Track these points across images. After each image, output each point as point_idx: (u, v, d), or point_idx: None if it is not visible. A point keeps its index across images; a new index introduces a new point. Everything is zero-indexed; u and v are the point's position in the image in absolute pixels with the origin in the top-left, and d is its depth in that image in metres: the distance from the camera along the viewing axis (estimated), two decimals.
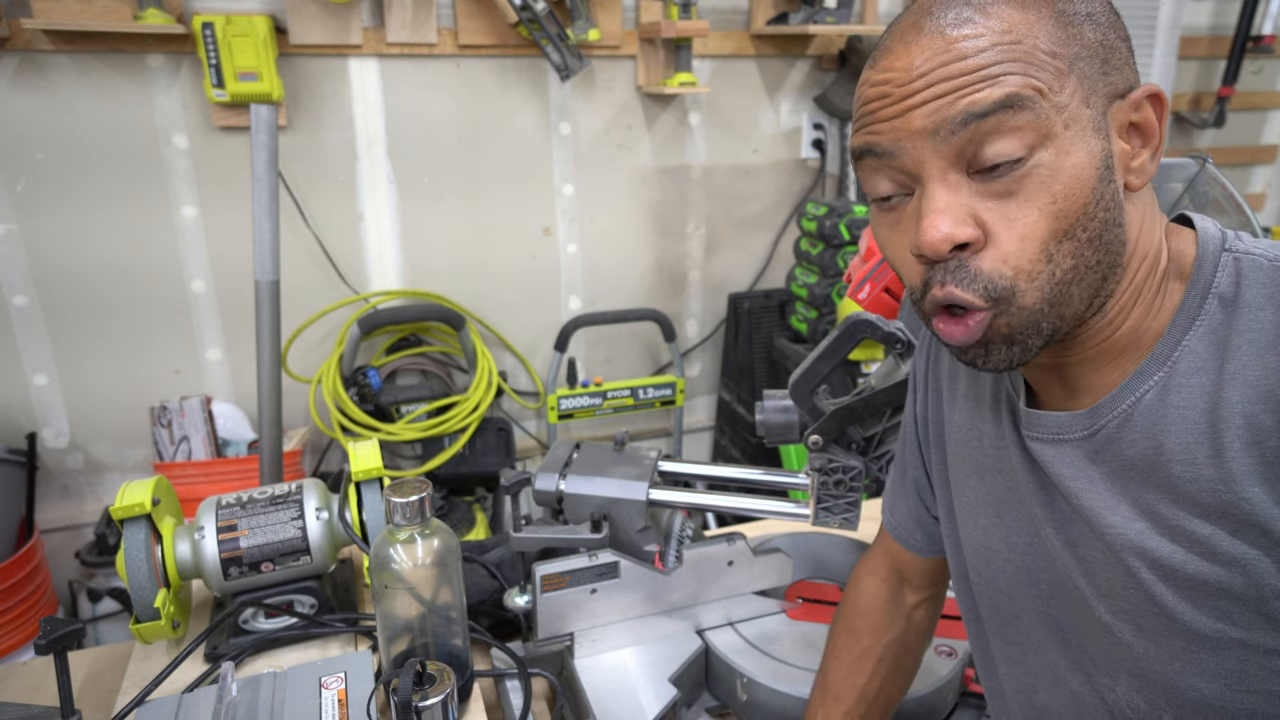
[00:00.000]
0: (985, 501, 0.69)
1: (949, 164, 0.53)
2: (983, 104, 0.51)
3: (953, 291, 0.54)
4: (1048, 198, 0.51)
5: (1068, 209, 0.51)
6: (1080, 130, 0.52)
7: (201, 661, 0.91)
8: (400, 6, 2.15)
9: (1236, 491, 0.50)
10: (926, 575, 0.87)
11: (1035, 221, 0.52)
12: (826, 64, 2.64)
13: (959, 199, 0.53)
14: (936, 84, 0.52)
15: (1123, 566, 0.57)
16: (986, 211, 0.52)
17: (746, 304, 2.64)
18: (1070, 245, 0.52)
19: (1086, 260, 0.53)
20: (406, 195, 2.34)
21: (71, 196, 2.05)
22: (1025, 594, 0.66)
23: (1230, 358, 0.52)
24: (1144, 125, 0.55)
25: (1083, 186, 0.51)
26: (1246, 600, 0.51)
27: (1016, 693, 0.71)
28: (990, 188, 0.52)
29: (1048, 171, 0.51)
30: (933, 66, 0.52)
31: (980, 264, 0.53)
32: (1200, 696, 0.55)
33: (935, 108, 0.52)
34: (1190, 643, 0.54)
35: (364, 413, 2.20)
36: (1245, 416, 0.50)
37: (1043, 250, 0.52)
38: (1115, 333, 0.57)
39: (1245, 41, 2.97)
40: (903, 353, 0.89)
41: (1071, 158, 0.51)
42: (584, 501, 0.99)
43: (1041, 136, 0.51)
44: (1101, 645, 0.61)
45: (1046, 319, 0.54)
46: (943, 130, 0.52)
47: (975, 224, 0.53)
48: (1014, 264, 0.52)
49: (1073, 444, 0.59)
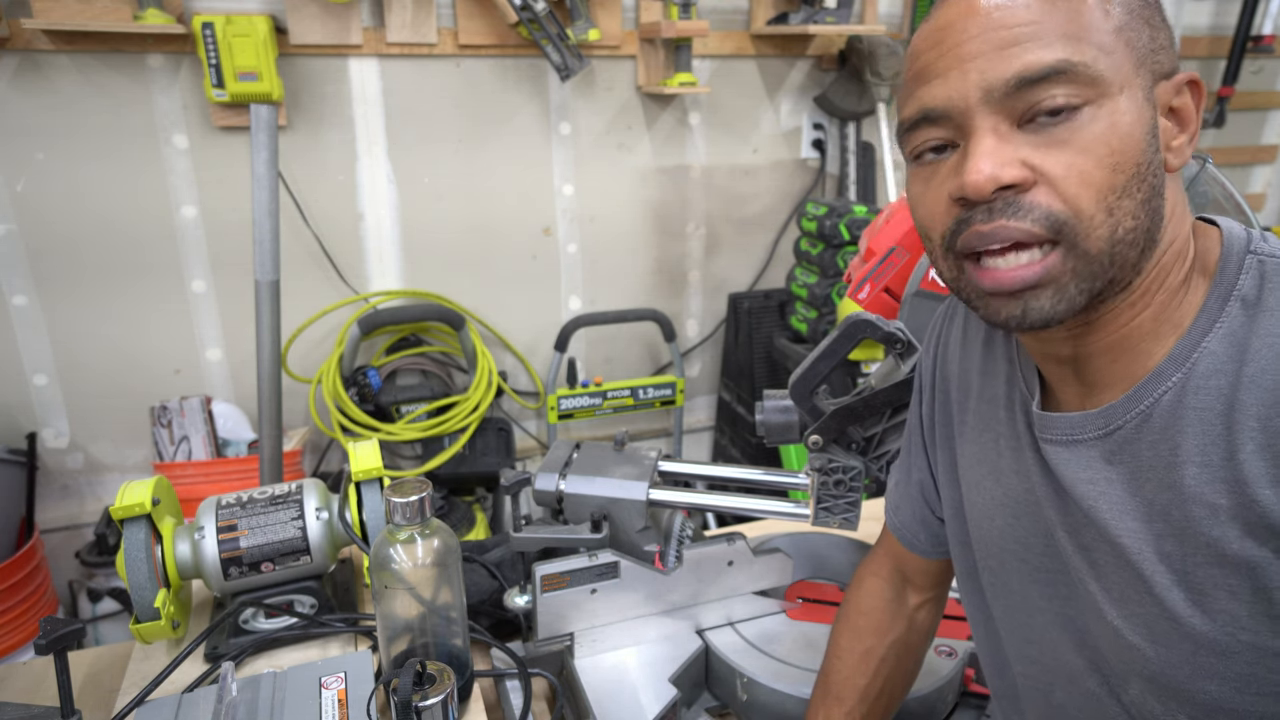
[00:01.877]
0: (1001, 503, 0.68)
1: (1000, 118, 0.52)
2: (1036, 67, 0.50)
3: (1004, 224, 0.52)
4: (1104, 149, 0.50)
5: (1124, 162, 0.51)
6: (1133, 94, 0.52)
7: (201, 661, 0.91)
8: (400, 6, 2.15)
9: (1248, 494, 0.50)
10: (930, 576, 0.86)
11: (1093, 169, 0.50)
12: (826, 64, 2.64)
13: (1007, 145, 0.52)
14: (992, 42, 0.51)
15: (1133, 571, 0.56)
16: (1040, 157, 0.51)
17: (746, 304, 2.64)
18: (1130, 204, 0.51)
19: (1142, 224, 0.52)
20: (406, 195, 2.34)
21: (71, 196, 2.05)
22: (1041, 595, 0.66)
23: (1249, 361, 0.51)
24: (1182, 111, 0.55)
25: (1136, 145, 0.51)
26: (1256, 604, 0.51)
27: (1032, 691, 0.71)
28: (1043, 138, 0.51)
29: (1104, 125, 0.50)
30: (987, 27, 0.51)
31: (1035, 197, 0.51)
32: (1211, 700, 0.55)
33: (988, 66, 0.51)
34: (1200, 647, 0.54)
35: (364, 413, 2.20)
36: (1260, 420, 0.50)
37: (1102, 200, 0.51)
38: (1137, 317, 0.56)
39: (1245, 41, 2.97)
40: (903, 353, 0.89)
41: (1127, 116, 0.51)
42: (584, 501, 0.99)
43: (1097, 94, 0.50)
44: (1114, 648, 0.61)
45: (1102, 276, 0.52)
46: (995, 91, 0.51)
47: (1026, 167, 0.51)
48: (1073, 204, 0.51)
49: (1088, 444, 0.59)
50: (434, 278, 2.42)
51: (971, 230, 0.54)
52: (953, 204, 0.55)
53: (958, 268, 0.57)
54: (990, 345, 0.71)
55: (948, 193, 0.55)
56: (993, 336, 0.71)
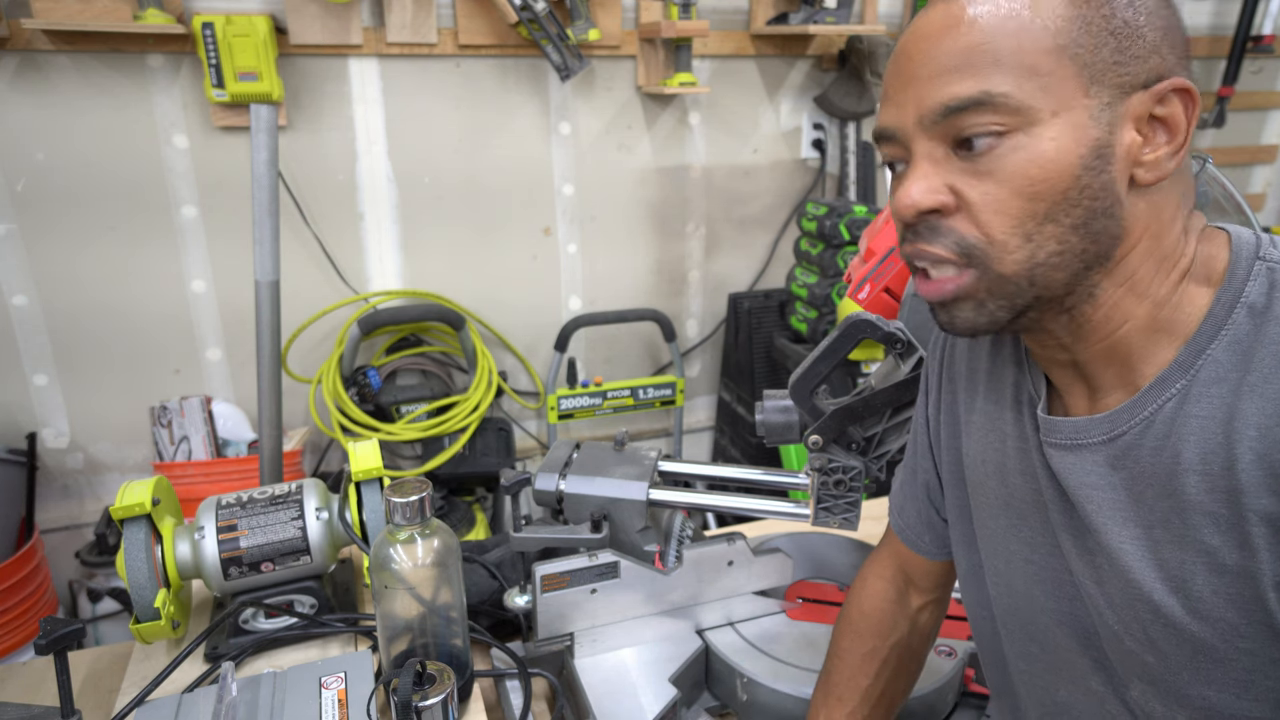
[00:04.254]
0: (1006, 503, 0.68)
1: (935, 142, 0.55)
2: (959, 98, 0.53)
3: (921, 248, 0.57)
4: (1023, 179, 0.52)
5: (1044, 191, 0.52)
6: (1071, 118, 0.52)
7: (201, 661, 0.91)
8: (400, 6, 2.15)
9: (1244, 503, 0.50)
10: (933, 578, 0.86)
11: (1008, 198, 0.53)
12: (826, 64, 2.64)
13: (937, 171, 0.55)
14: (929, 69, 0.54)
15: (1132, 577, 0.57)
16: (965, 185, 0.54)
17: (746, 304, 2.64)
18: (1053, 229, 0.53)
19: (1072, 246, 0.53)
20: (406, 195, 2.34)
21: (71, 196, 2.05)
22: (1045, 594, 0.66)
23: (1252, 369, 0.51)
24: (1169, 120, 0.54)
25: (1062, 172, 0.52)
26: (1254, 611, 0.51)
27: (1036, 690, 0.71)
28: (972, 166, 0.54)
29: (1025, 155, 0.52)
30: (928, 55, 0.54)
31: (952, 223, 0.55)
32: (1209, 705, 0.55)
33: (923, 93, 0.54)
34: (1198, 653, 0.54)
35: (364, 413, 2.20)
36: (1260, 429, 0.50)
37: (1019, 227, 0.53)
38: (1120, 327, 0.56)
39: (1245, 41, 2.97)
40: (903, 353, 0.89)
41: (1053, 143, 0.52)
42: (584, 501, 0.99)
43: (1023, 122, 0.52)
44: (1115, 650, 0.61)
45: (1020, 296, 0.55)
46: (926, 118, 0.55)
47: (950, 194, 0.55)
48: (985, 231, 0.54)
49: (1092, 449, 0.59)
50: (434, 278, 2.42)
51: (905, 248, 0.59)
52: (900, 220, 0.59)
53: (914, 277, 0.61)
54: (998, 347, 0.71)
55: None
56: (1001, 340, 0.71)
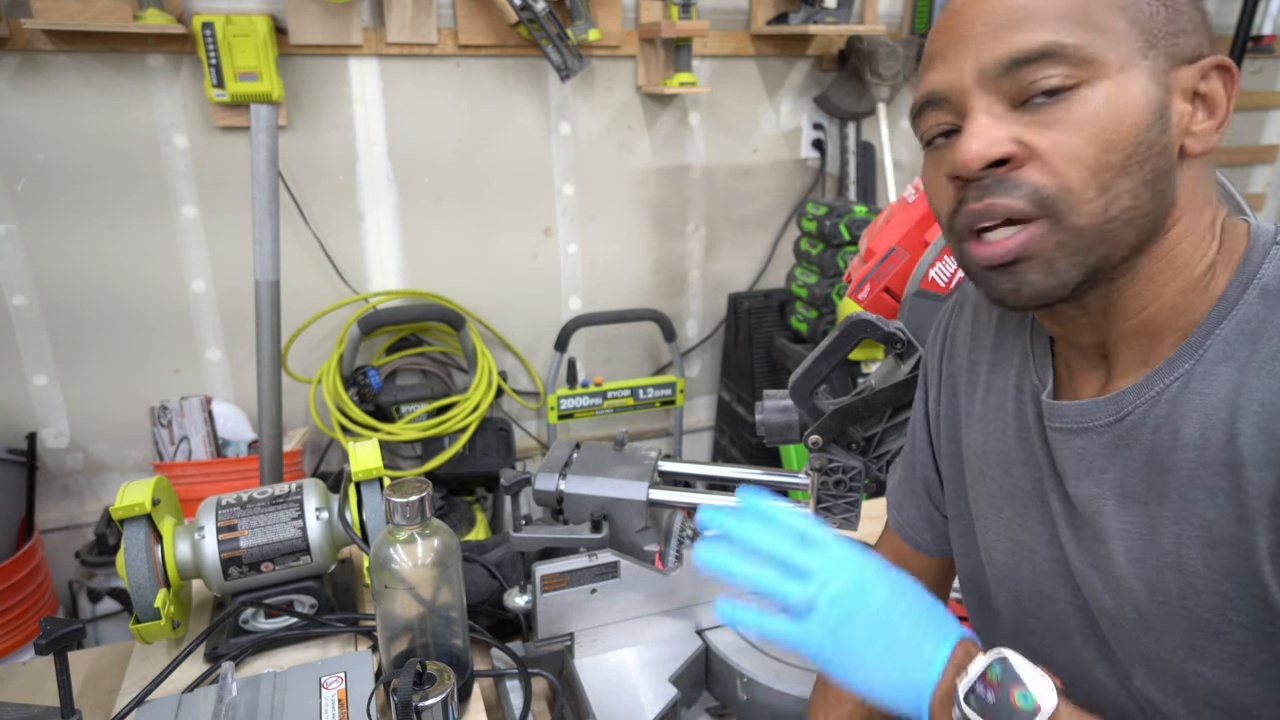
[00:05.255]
0: (1010, 493, 0.68)
1: (995, 99, 0.53)
2: (1027, 48, 0.51)
3: (993, 203, 0.53)
4: (1097, 126, 0.51)
5: (1119, 140, 0.51)
6: (1135, 75, 0.52)
7: (201, 661, 0.91)
8: (400, 6, 2.15)
9: (1245, 476, 0.50)
10: (932, 575, 0.86)
11: (1083, 145, 0.51)
12: (826, 64, 2.64)
13: (1000, 125, 0.53)
14: (989, 24, 0.53)
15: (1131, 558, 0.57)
16: (1032, 135, 0.52)
17: (746, 304, 2.64)
18: (1127, 183, 0.51)
19: (1141, 204, 0.52)
20: (406, 195, 2.34)
21: (71, 196, 2.05)
22: (1051, 584, 0.66)
23: (1260, 348, 0.51)
24: (1210, 97, 0.54)
25: (1135, 124, 0.51)
26: (1248, 584, 0.51)
27: None
28: (1037, 117, 0.52)
29: (1097, 103, 0.51)
30: (986, 10, 0.53)
31: (1024, 175, 0.52)
32: (1205, 682, 0.55)
33: (983, 47, 0.53)
34: (1193, 629, 0.55)
35: (364, 413, 2.20)
36: (1264, 404, 0.50)
37: (1094, 177, 0.51)
38: (1150, 305, 0.56)
39: (1245, 41, 2.96)
40: (903, 353, 0.89)
41: (1124, 95, 0.51)
42: (584, 501, 0.99)
43: (1091, 74, 0.51)
44: (1115, 636, 0.61)
45: (1094, 252, 0.53)
46: (989, 71, 0.53)
47: (1017, 144, 0.52)
48: (1062, 180, 0.52)
49: (1098, 431, 0.59)
50: (434, 278, 2.42)
51: (966, 208, 0.55)
52: (952, 184, 0.56)
53: (960, 247, 0.58)
54: (1002, 336, 0.71)
55: (946, 173, 0.57)
56: (1004, 329, 0.71)
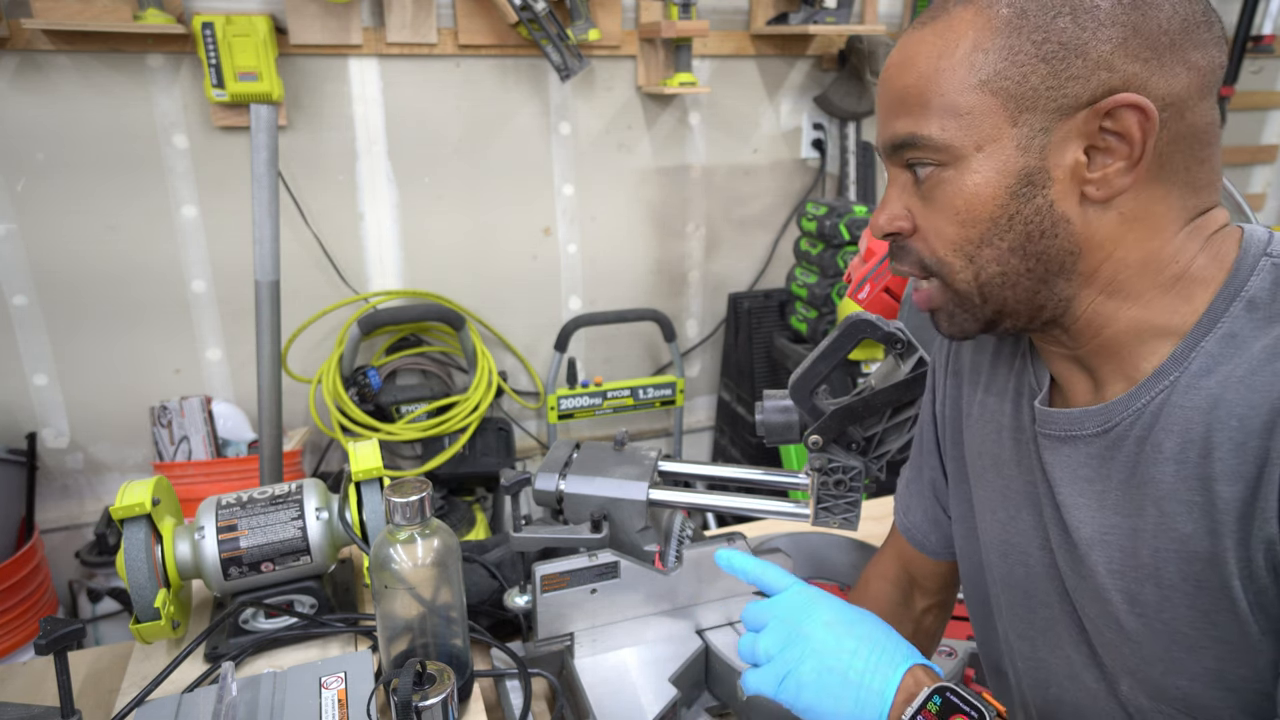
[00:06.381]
0: (1004, 495, 0.69)
1: (899, 169, 0.61)
2: (897, 136, 0.58)
3: (897, 265, 0.63)
4: (952, 209, 0.57)
5: (971, 219, 0.57)
6: (995, 151, 0.54)
7: (201, 661, 0.91)
8: (400, 6, 2.15)
9: (1217, 490, 0.51)
10: (938, 579, 0.86)
11: (944, 224, 0.58)
12: (826, 64, 2.64)
13: (900, 197, 0.61)
14: (883, 106, 0.60)
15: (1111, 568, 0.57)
16: (916, 210, 0.60)
17: (746, 304, 2.64)
18: (991, 252, 0.57)
19: (1014, 267, 0.57)
20: (406, 195, 2.34)
21: (71, 196, 2.05)
22: (1043, 589, 0.66)
23: (1242, 362, 0.51)
24: (1124, 134, 0.52)
25: (985, 203, 0.56)
26: (1221, 597, 0.52)
27: (1036, 687, 0.71)
28: (920, 190, 0.59)
29: (951, 187, 0.57)
30: (884, 92, 0.60)
31: (912, 243, 0.61)
32: (1185, 696, 0.56)
33: (881, 128, 0.61)
34: (1172, 643, 0.55)
35: (364, 413, 2.20)
36: (1241, 419, 0.50)
37: (958, 250, 0.58)
38: (1103, 331, 0.58)
39: (1245, 41, 2.96)
40: (903, 353, 0.89)
41: (975, 176, 0.55)
42: (584, 501, 0.99)
43: (950, 158, 0.56)
44: (1102, 644, 0.61)
45: (981, 308, 0.60)
46: (885, 148, 0.61)
47: (909, 218, 0.61)
48: (934, 253, 0.60)
49: (1086, 440, 0.59)
50: (434, 278, 2.42)
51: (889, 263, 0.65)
52: None
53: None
54: (1002, 340, 0.72)
55: None
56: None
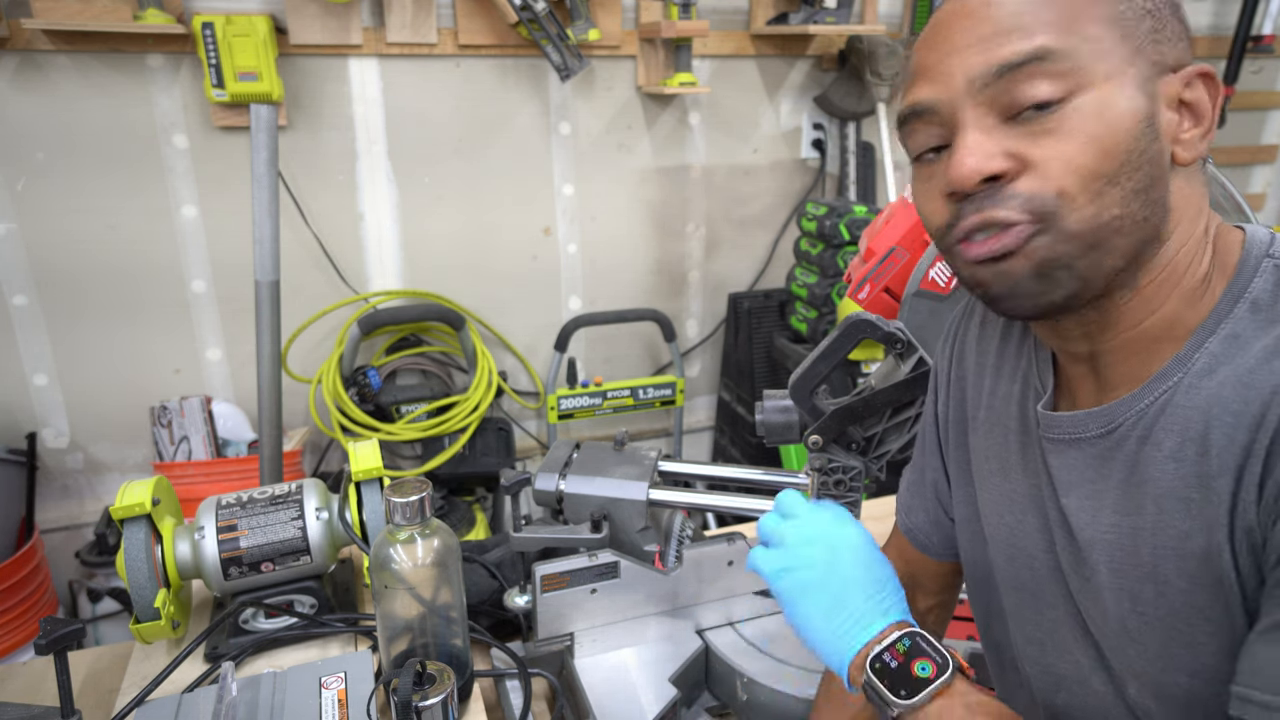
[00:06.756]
0: (1010, 499, 0.69)
1: (985, 111, 0.53)
2: (1016, 55, 0.51)
3: (990, 213, 0.53)
4: (1087, 135, 0.51)
5: (1111, 147, 0.51)
6: (1121, 84, 0.52)
7: (201, 661, 0.91)
8: (400, 6, 2.15)
9: (1213, 487, 0.51)
10: (939, 580, 0.86)
11: (1078, 152, 0.51)
12: (826, 64, 2.64)
13: (992, 139, 0.53)
14: (977, 35, 0.53)
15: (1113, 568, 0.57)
16: (1024, 147, 0.52)
17: (746, 304, 2.64)
18: (1117, 192, 0.51)
19: (1133, 213, 0.52)
20: (406, 195, 2.34)
21: (72, 196, 2.05)
22: (1050, 592, 0.66)
23: (1243, 362, 0.51)
24: (1196, 105, 0.54)
25: (1125, 132, 0.51)
26: (1217, 594, 0.52)
27: (1042, 692, 0.71)
28: (1028, 129, 0.52)
29: (1088, 113, 0.51)
30: (974, 22, 0.53)
31: (1019, 186, 0.52)
32: (1181, 693, 0.56)
33: (972, 58, 0.53)
34: (1171, 640, 0.55)
35: (364, 413, 2.20)
36: (1235, 414, 0.51)
37: (1088, 183, 0.51)
38: (1149, 317, 0.56)
39: (1245, 41, 2.96)
40: (903, 353, 0.89)
41: (1113, 106, 0.51)
42: (584, 501, 0.99)
43: (1080, 83, 0.51)
44: (1106, 645, 0.61)
45: (1085, 257, 0.53)
46: (978, 81, 0.53)
47: (1009, 158, 0.53)
48: (1057, 185, 0.51)
49: (1089, 442, 0.59)
50: (434, 278, 2.42)
51: (963, 223, 0.56)
52: (947, 198, 0.56)
53: (954, 250, 0.58)
54: (1006, 341, 0.71)
55: (939, 189, 0.57)
56: (1010, 333, 0.72)
